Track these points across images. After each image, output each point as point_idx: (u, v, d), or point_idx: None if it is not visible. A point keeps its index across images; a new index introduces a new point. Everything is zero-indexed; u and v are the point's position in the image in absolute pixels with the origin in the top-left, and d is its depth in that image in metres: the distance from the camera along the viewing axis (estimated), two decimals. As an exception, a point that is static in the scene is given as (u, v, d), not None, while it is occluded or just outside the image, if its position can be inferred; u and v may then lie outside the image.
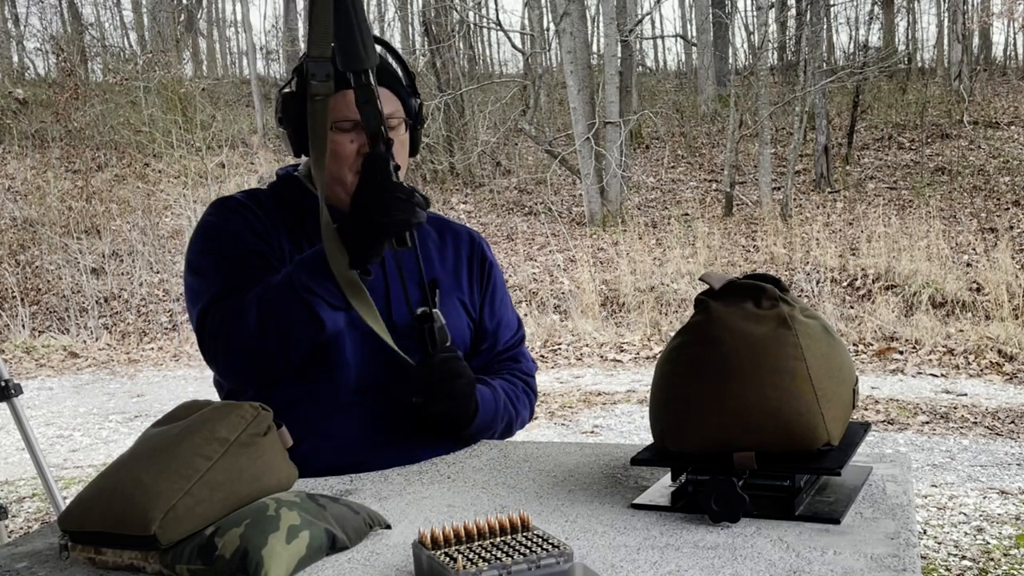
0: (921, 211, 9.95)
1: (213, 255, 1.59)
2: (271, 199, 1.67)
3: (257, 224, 1.61)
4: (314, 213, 1.58)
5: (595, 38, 16.12)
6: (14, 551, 1.21)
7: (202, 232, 1.64)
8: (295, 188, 1.68)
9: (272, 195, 1.68)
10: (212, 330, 1.52)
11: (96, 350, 8.91)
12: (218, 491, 1.10)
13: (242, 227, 1.60)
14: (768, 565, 1.02)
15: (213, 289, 1.55)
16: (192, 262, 1.62)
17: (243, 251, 1.58)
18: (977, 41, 17.76)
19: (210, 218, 1.64)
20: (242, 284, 1.54)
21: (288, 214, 1.65)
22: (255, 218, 1.62)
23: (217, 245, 1.60)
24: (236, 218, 1.61)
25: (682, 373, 1.21)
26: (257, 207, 1.64)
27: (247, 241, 1.59)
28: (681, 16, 27.43)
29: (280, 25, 24.08)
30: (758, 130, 11.91)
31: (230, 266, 1.57)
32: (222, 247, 1.59)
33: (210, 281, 1.56)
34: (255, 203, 1.65)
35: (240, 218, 1.61)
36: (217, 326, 1.52)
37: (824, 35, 14.94)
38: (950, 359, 6.69)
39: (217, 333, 1.52)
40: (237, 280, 1.55)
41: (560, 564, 0.98)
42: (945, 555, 3.48)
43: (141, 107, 14.29)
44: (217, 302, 1.53)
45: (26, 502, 4.59)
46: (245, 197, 1.67)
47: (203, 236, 1.63)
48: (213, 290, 1.55)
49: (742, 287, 1.22)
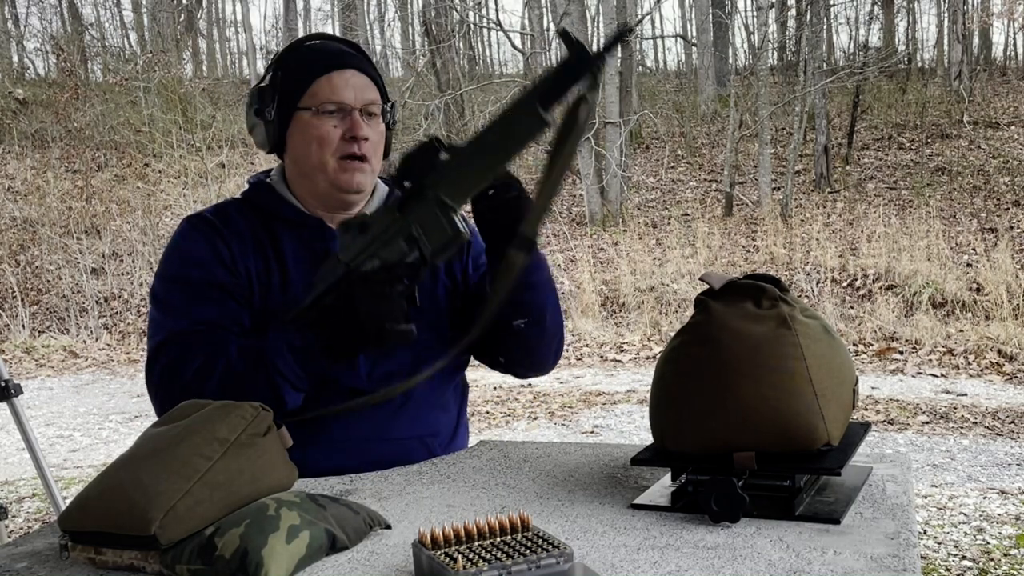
0: (921, 211, 9.95)
1: (176, 284, 1.56)
2: (242, 211, 1.63)
3: (224, 251, 1.57)
4: (288, 221, 1.60)
5: (595, 38, 16.12)
6: (14, 551, 1.21)
7: (168, 257, 1.61)
8: (269, 196, 1.64)
9: (244, 205, 1.65)
10: (165, 375, 1.48)
11: (96, 350, 8.91)
12: (218, 491, 1.10)
13: (208, 256, 1.56)
14: (768, 565, 1.02)
15: (170, 325, 1.52)
16: (156, 290, 1.59)
17: (206, 283, 1.55)
18: (977, 41, 17.77)
19: (178, 242, 1.60)
20: (201, 322, 1.51)
21: (259, 226, 1.61)
22: (223, 243, 1.57)
23: (182, 273, 1.57)
24: (202, 245, 1.57)
25: (682, 373, 1.21)
26: (225, 226, 1.59)
27: (212, 272, 1.55)
28: (681, 16, 27.44)
29: (280, 25, 24.09)
30: (758, 130, 11.91)
31: (190, 300, 1.54)
32: (187, 277, 1.56)
33: (170, 315, 1.53)
34: (224, 221, 1.60)
35: (207, 244, 1.57)
36: (172, 373, 1.47)
37: (824, 35, 14.94)
38: (950, 359, 6.70)
39: (171, 380, 1.47)
40: (197, 317, 1.51)
41: (560, 564, 0.98)
42: (945, 555, 3.48)
43: (141, 107, 14.29)
44: (172, 343, 1.49)
45: (26, 502, 4.59)
46: (214, 215, 1.62)
47: (168, 261, 1.60)
48: (170, 326, 1.52)
49: (742, 287, 1.22)
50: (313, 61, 1.60)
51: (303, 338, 1.42)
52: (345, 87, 1.58)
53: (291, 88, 1.58)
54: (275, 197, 1.64)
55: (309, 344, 1.42)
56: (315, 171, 1.59)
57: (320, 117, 1.57)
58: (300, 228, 1.62)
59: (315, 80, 1.57)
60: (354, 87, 1.59)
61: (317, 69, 1.58)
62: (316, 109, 1.57)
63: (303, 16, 23.91)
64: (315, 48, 1.63)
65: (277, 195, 1.64)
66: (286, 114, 1.59)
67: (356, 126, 1.57)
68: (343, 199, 1.62)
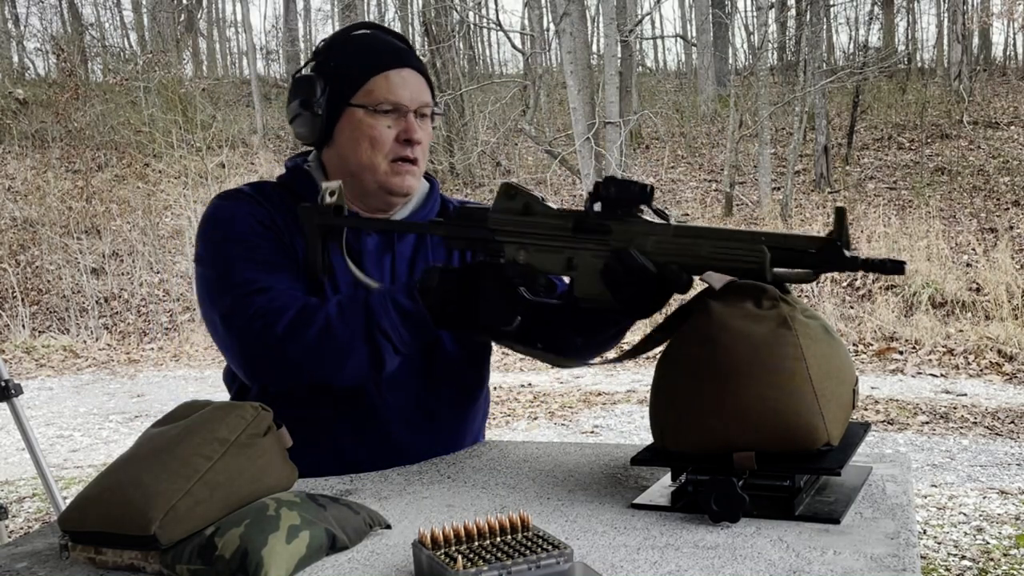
0: (921, 211, 9.95)
1: (236, 243, 1.48)
2: (279, 192, 1.57)
3: (266, 218, 1.51)
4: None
5: (595, 38, 16.12)
6: (14, 551, 1.21)
7: (215, 224, 1.52)
8: (307, 184, 1.57)
9: (281, 188, 1.58)
10: (254, 327, 1.40)
11: (96, 350, 8.91)
12: (218, 491, 1.10)
13: (263, 222, 1.51)
14: (768, 565, 1.02)
15: (242, 277, 1.44)
16: (208, 254, 1.50)
17: (269, 246, 1.49)
18: (977, 41, 17.76)
19: (224, 210, 1.53)
20: (275, 278, 1.45)
21: (293, 207, 1.53)
22: (270, 215, 1.52)
23: (239, 233, 1.49)
24: (253, 210, 1.52)
25: (682, 373, 1.21)
26: (266, 200, 1.54)
27: (269, 238, 1.50)
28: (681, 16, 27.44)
29: (280, 25, 24.09)
30: (758, 130, 11.91)
31: (259, 261, 1.46)
32: (244, 237, 1.48)
33: (238, 270, 1.45)
34: (263, 196, 1.55)
35: (258, 211, 1.52)
36: (263, 326, 1.39)
37: (824, 35, 14.93)
38: (950, 359, 6.69)
39: (263, 332, 1.39)
40: (270, 273, 1.45)
41: (560, 564, 0.98)
42: (945, 555, 3.48)
43: (141, 107, 14.29)
44: (253, 294, 1.41)
45: (26, 502, 4.59)
46: (252, 190, 1.57)
47: (217, 226, 1.51)
48: (243, 278, 1.44)
49: (742, 287, 1.22)
50: (371, 56, 1.53)
51: (414, 303, 1.38)
52: (403, 87, 1.52)
53: (345, 82, 1.52)
54: (313, 187, 1.56)
55: (419, 310, 1.38)
56: (364, 170, 1.53)
57: (374, 116, 1.51)
58: None
59: (372, 77, 1.51)
60: (411, 87, 1.53)
61: (375, 65, 1.52)
62: (372, 108, 1.51)
63: (303, 16, 23.91)
64: (371, 41, 1.56)
65: (315, 187, 1.55)
66: (337, 108, 1.53)
67: (412, 129, 1.52)
68: (389, 200, 1.57)
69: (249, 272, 1.45)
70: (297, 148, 15.00)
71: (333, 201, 1.44)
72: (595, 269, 1.29)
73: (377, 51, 1.54)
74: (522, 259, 1.34)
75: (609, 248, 1.28)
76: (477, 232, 1.37)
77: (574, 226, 1.30)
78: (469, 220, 1.39)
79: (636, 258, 1.26)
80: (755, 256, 1.20)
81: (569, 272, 1.33)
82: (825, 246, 1.18)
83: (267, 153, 14.16)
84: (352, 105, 1.52)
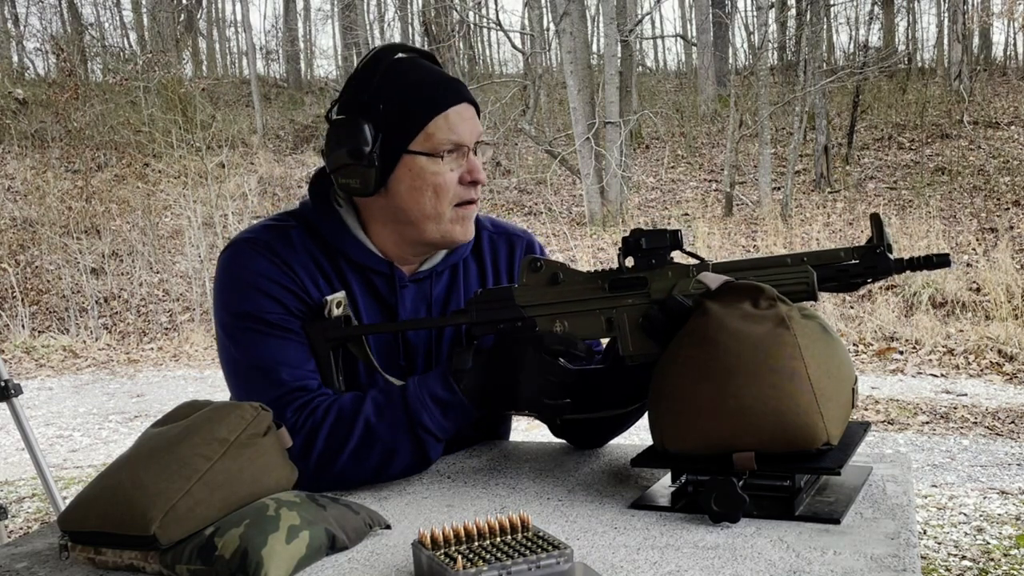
0: (921, 211, 9.96)
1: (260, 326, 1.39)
2: (303, 237, 1.45)
3: (286, 279, 1.42)
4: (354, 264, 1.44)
5: (595, 38, 16.13)
6: (14, 551, 1.21)
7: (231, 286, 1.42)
8: (339, 233, 1.45)
9: (306, 232, 1.46)
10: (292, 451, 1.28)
11: (96, 350, 8.91)
12: (218, 491, 1.10)
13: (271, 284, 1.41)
14: (768, 565, 1.02)
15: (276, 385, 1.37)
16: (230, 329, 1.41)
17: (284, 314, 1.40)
18: (977, 41, 17.77)
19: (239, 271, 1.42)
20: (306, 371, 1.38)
21: (323, 257, 1.45)
22: (293, 275, 1.42)
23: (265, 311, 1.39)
24: (277, 276, 1.41)
25: (682, 374, 1.21)
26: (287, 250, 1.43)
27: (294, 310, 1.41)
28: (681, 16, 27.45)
29: (280, 25, 24.09)
30: (758, 130, 11.91)
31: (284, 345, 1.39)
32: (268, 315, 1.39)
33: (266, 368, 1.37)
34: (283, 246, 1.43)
35: (282, 276, 1.41)
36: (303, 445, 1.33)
37: (824, 35, 14.94)
38: (950, 359, 6.69)
39: (303, 453, 1.33)
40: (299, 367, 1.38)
41: (560, 564, 0.98)
42: (945, 555, 3.48)
43: (141, 107, 14.29)
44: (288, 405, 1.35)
45: (26, 502, 4.59)
46: (273, 241, 1.43)
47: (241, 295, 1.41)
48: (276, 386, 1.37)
49: (739, 288, 1.22)
50: (426, 96, 1.39)
51: (451, 393, 1.34)
52: (462, 125, 1.40)
53: (400, 128, 1.38)
54: (345, 235, 1.45)
55: (458, 400, 1.34)
56: (427, 220, 1.41)
57: (436, 162, 1.39)
58: (369, 272, 1.47)
59: (431, 119, 1.38)
60: (469, 124, 1.42)
61: (432, 106, 1.39)
62: (435, 153, 1.39)
63: (303, 16, 23.92)
64: (420, 76, 1.41)
65: (348, 234, 1.46)
66: (393, 156, 1.39)
67: (476, 169, 1.42)
68: (445, 248, 1.49)
69: (279, 363, 1.37)
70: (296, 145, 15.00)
71: (341, 313, 1.39)
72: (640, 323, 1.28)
73: (431, 89, 1.40)
74: (559, 330, 1.31)
75: (650, 300, 1.27)
76: (505, 313, 1.33)
77: (610, 285, 1.29)
78: (494, 302, 1.34)
79: (682, 302, 1.24)
80: (803, 278, 1.20)
81: (611, 333, 1.30)
82: (867, 253, 1.19)
83: (267, 153, 14.17)
84: (411, 152, 1.39)
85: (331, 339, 1.40)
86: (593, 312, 1.30)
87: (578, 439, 1.55)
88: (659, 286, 1.27)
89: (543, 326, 1.32)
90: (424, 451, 1.37)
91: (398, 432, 1.35)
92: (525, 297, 1.33)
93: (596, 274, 1.31)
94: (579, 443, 1.55)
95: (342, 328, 1.40)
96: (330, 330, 1.39)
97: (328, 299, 1.39)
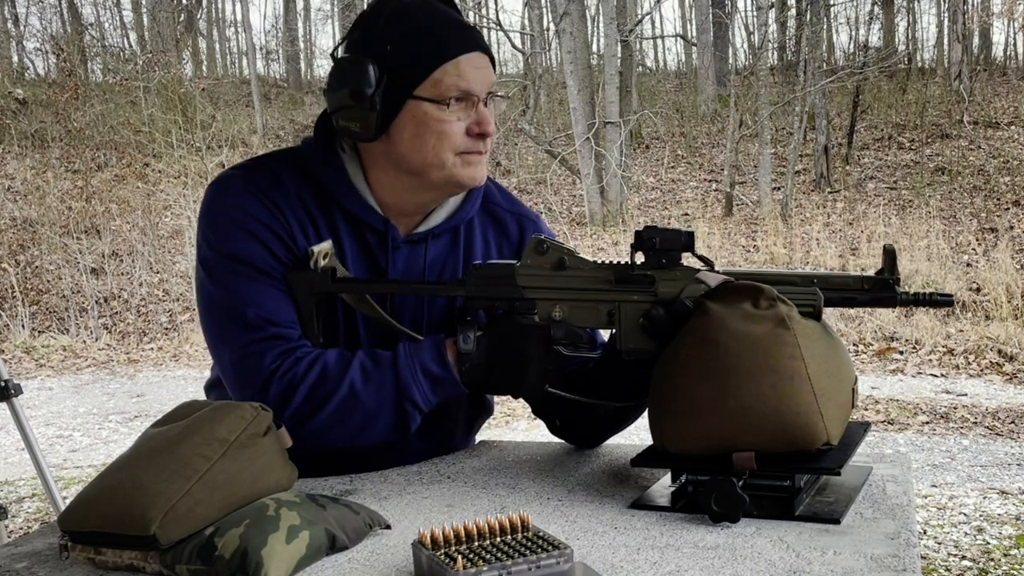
0: (921, 211, 9.96)
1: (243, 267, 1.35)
2: (296, 180, 1.40)
3: (273, 222, 1.37)
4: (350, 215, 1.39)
5: (595, 38, 16.13)
6: (14, 551, 1.21)
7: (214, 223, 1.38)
8: (338, 181, 1.40)
9: (301, 176, 1.40)
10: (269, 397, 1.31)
11: (96, 350, 8.91)
12: (218, 491, 1.10)
13: (273, 233, 1.37)
14: (768, 565, 1.02)
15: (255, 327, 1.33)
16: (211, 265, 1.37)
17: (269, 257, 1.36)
18: (977, 41, 17.77)
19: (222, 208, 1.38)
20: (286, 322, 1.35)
21: (316, 206, 1.39)
22: (282, 217, 1.37)
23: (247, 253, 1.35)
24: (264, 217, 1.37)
25: (682, 374, 1.21)
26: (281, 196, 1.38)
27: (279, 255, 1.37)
28: (681, 16, 27.43)
29: (280, 25, 24.09)
30: (758, 130, 11.91)
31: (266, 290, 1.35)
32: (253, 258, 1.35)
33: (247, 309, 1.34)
34: (277, 186, 1.38)
35: (269, 218, 1.37)
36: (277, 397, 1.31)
37: (824, 35, 14.94)
38: (950, 359, 6.70)
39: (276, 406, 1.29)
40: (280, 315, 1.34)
41: (560, 564, 0.98)
42: (945, 555, 3.48)
43: (141, 107, 14.28)
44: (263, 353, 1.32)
45: (26, 502, 4.59)
46: (263, 181, 1.38)
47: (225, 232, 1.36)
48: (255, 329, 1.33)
49: (740, 288, 1.22)
50: (437, 40, 1.33)
51: (444, 370, 1.33)
52: (473, 74, 1.34)
53: (407, 71, 1.32)
54: (345, 185, 1.40)
55: (450, 377, 1.33)
56: (429, 168, 1.36)
57: (442, 109, 1.33)
58: (363, 227, 1.42)
59: (440, 65, 1.32)
60: (482, 73, 1.35)
61: (442, 51, 1.33)
62: (442, 101, 1.33)
63: (303, 16, 23.92)
64: (432, 20, 1.35)
65: (348, 184, 1.40)
66: (397, 100, 1.33)
67: (485, 121, 1.36)
68: (450, 194, 1.43)
69: (260, 308, 1.34)
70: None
71: (327, 264, 1.35)
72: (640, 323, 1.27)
73: (443, 33, 1.34)
74: (558, 316, 1.30)
75: (655, 298, 1.27)
76: (505, 291, 1.31)
77: (616, 278, 1.28)
78: (494, 279, 1.32)
79: (689, 306, 1.23)
80: (810, 299, 1.21)
81: (610, 326, 1.29)
82: (876, 284, 1.20)
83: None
84: (416, 97, 1.33)
85: (315, 292, 1.36)
86: (595, 303, 1.29)
87: (577, 438, 1.54)
88: (667, 287, 1.27)
89: (541, 310, 1.31)
90: (406, 423, 1.36)
91: (384, 402, 1.33)
92: (526, 278, 1.31)
93: (603, 266, 1.29)
94: (578, 442, 1.55)
95: (328, 282, 1.35)
96: (315, 283, 1.35)
97: (314, 249, 1.34)
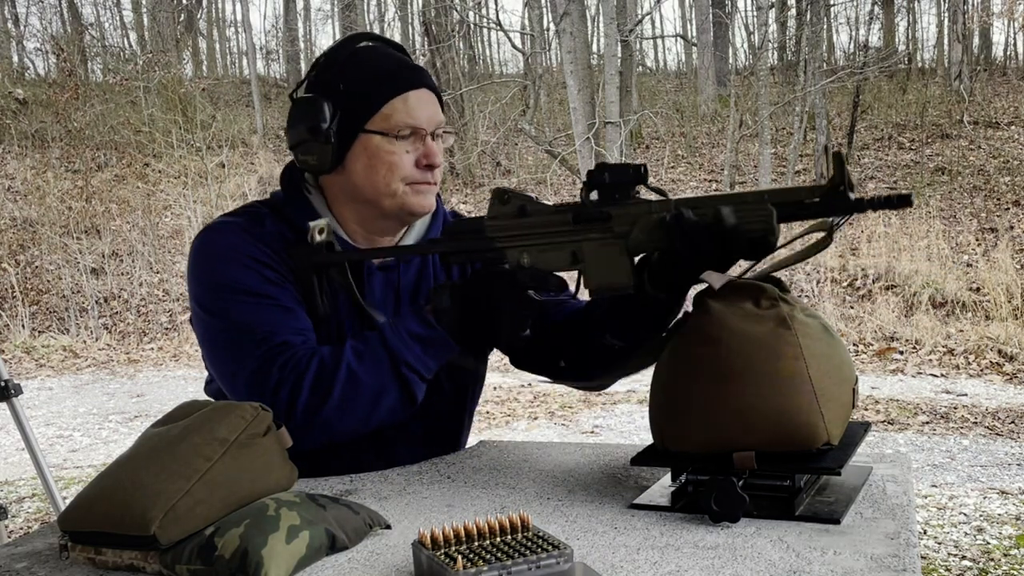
0: (921, 211, 9.95)
1: (238, 293, 1.42)
2: (276, 225, 1.49)
3: (260, 255, 1.45)
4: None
5: (595, 38, 16.13)
6: (14, 551, 1.21)
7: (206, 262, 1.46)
8: (310, 214, 1.48)
9: (278, 219, 1.50)
10: (279, 405, 1.35)
11: (96, 350, 8.91)
12: (218, 491, 1.10)
13: (263, 260, 1.45)
14: (768, 565, 1.02)
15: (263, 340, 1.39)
16: (208, 303, 1.44)
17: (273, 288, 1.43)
18: (977, 41, 17.76)
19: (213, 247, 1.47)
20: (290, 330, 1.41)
21: (291, 238, 1.48)
22: (268, 250, 1.46)
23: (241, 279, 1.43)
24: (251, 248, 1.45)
25: (682, 373, 1.21)
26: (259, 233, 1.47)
27: (272, 277, 1.44)
28: (681, 16, 27.45)
29: (280, 25, 24.09)
30: (758, 130, 11.91)
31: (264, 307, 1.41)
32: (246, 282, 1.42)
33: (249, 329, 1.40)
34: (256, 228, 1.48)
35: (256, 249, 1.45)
36: (289, 397, 1.36)
37: (824, 35, 14.94)
38: (950, 359, 6.70)
39: (290, 404, 1.35)
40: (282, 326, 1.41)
41: (560, 564, 0.98)
42: (945, 555, 3.48)
43: (141, 107, 14.28)
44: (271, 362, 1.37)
45: (26, 502, 4.59)
46: (245, 223, 1.48)
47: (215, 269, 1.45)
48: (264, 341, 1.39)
49: (742, 287, 1.22)
50: (386, 77, 1.45)
51: (429, 328, 1.37)
52: (420, 109, 1.46)
53: (359, 106, 1.44)
54: (312, 218, 1.47)
55: (437, 333, 1.37)
56: (381, 196, 1.46)
57: (392, 141, 1.44)
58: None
59: (389, 100, 1.44)
60: (428, 109, 1.47)
61: (392, 88, 1.45)
62: (390, 134, 1.44)
63: (303, 16, 23.91)
64: (382, 60, 1.48)
65: (315, 217, 1.48)
66: (350, 134, 1.45)
67: (432, 153, 1.46)
68: (404, 222, 1.53)
69: (261, 324, 1.40)
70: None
71: (324, 239, 1.42)
72: (603, 257, 1.28)
73: (391, 71, 1.46)
74: (526, 262, 1.32)
75: (613, 234, 1.27)
76: (476, 244, 1.35)
77: (574, 218, 1.29)
78: (465, 233, 1.36)
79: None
80: (762, 215, 1.19)
81: (575, 266, 1.31)
82: (828, 192, 1.18)
83: (267, 153, 14.15)
84: (368, 131, 1.44)
85: (315, 264, 1.43)
86: (559, 245, 1.30)
87: (586, 377, 1.51)
88: (623, 221, 1.26)
89: (511, 258, 1.33)
90: (410, 390, 1.39)
91: (382, 373, 1.37)
92: (494, 228, 1.34)
93: (561, 208, 1.31)
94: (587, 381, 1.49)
95: (326, 255, 1.42)
96: (314, 255, 1.42)
97: (311, 225, 1.42)
